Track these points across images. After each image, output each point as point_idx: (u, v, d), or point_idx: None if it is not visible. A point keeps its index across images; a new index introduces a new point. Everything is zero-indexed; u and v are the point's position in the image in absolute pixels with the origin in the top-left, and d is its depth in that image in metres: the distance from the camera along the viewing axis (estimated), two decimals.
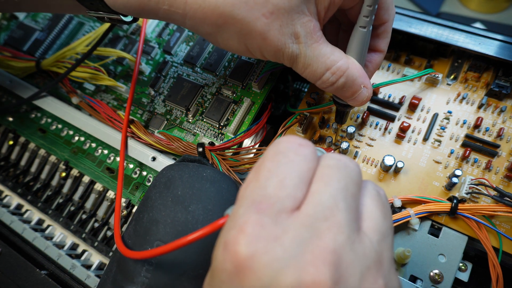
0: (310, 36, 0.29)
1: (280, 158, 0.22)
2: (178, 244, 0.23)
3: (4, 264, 0.39)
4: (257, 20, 0.28)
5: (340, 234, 0.19)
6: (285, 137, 0.23)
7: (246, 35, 0.29)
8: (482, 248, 0.33)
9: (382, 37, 0.34)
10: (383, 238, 0.21)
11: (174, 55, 0.49)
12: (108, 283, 0.29)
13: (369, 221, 0.22)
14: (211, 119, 0.43)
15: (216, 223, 0.22)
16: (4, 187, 0.47)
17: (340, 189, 0.21)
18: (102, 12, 0.33)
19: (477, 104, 0.39)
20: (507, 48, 0.38)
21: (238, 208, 0.21)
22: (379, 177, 0.38)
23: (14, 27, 0.57)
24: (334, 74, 0.30)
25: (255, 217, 0.19)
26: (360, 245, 0.20)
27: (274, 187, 0.20)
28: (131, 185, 0.42)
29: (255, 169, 0.22)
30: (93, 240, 0.42)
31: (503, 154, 0.37)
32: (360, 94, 0.32)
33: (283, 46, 0.29)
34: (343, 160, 0.22)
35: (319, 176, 0.22)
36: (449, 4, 0.92)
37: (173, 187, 0.30)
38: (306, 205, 0.20)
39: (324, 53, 0.29)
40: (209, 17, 0.28)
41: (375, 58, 0.34)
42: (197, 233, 0.22)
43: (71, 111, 0.47)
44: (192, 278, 0.27)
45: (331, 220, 0.20)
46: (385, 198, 0.24)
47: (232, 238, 0.19)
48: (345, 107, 0.36)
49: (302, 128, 0.41)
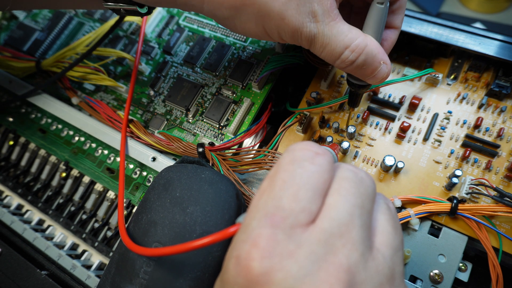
0: (327, 15, 0.29)
1: (295, 168, 0.21)
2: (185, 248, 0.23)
3: (5, 265, 0.39)
4: (274, 1, 0.28)
5: (355, 251, 0.19)
6: (300, 143, 0.23)
7: (264, 17, 0.29)
8: (482, 248, 0.33)
9: (398, 13, 0.33)
10: (395, 253, 0.21)
11: (174, 55, 0.49)
12: (107, 284, 0.29)
13: (381, 236, 0.22)
14: (211, 119, 0.43)
15: (226, 231, 0.22)
16: (5, 187, 0.47)
17: (357, 206, 0.21)
18: (119, 4, 0.33)
19: (477, 104, 0.39)
20: (507, 48, 0.38)
21: (251, 220, 0.20)
22: (379, 177, 0.38)
23: (14, 27, 0.57)
24: (354, 52, 0.29)
25: (269, 231, 0.19)
26: (373, 262, 0.20)
27: (289, 200, 0.20)
28: (131, 186, 0.42)
29: (269, 179, 0.22)
30: (93, 240, 0.42)
31: (503, 154, 0.37)
32: (380, 71, 0.31)
33: (301, 25, 0.29)
34: (359, 174, 0.22)
35: (336, 189, 0.21)
36: (449, 4, 0.92)
37: (171, 188, 0.30)
38: (322, 219, 0.20)
39: (342, 31, 0.29)
40: (227, 0, 0.29)
41: (391, 35, 0.34)
42: (206, 239, 0.22)
43: (71, 111, 0.47)
44: (190, 279, 0.27)
45: (346, 237, 0.19)
46: (395, 212, 0.24)
47: (246, 252, 0.19)
48: (360, 88, 0.35)
49: (302, 128, 0.41)
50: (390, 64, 0.32)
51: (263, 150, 0.38)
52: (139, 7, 0.33)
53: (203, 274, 0.27)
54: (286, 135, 0.42)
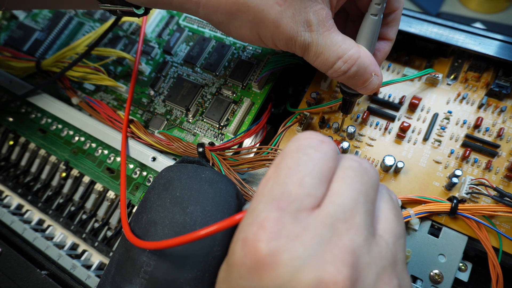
0: (322, 24, 0.29)
1: (300, 155, 0.22)
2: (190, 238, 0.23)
3: (5, 265, 0.39)
4: (270, 8, 0.28)
5: (359, 235, 0.20)
6: (306, 133, 0.23)
7: (258, 23, 0.29)
8: (482, 248, 0.33)
9: (392, 25, 0.34)
10: (397, 240, 0.22)
11: (174, 55, 0.49)
12: (107, 284, 0.29)
13: (384, 223, 0.22)
14: (211, 119, 0.43)
15: (233, 218, 0.22)
16: (5, 187, 0.47)
17: (361, 193, 0.21)
18: (115, 5, 0.33)
19: (477, 104, 0.39)
20: (507, 48, 0.38)
21: (258, 203, 0.21)
22: (379, 177, 0.38)
23: (14, 27, 0.57)
24: (346, 62, 0.30)
25: (276, 214, 0.20)
26: (376, 247, 0.20)
27: (294, 185, 0.21)
28: (131, 185, 0.42)
29: (275, 166, 0.22)
30: (93, 240, 0.42)
31: (503, 154, 0.37)
32: (371, 82, 0.31)
33: (296, 34, 0.29)
34: (364, 164, 0.23)
35: (341, 176, 0.22)
36: (449, 4, 0.92)
37: (171, 188, 0.30)
38: (327, 204, 0.20)
39: (336, 42, 0.29)
40: (223, 6, 0.29)
41: (384, 46, 0.34)
42: (212, 228, 0.22)
43: (71, 111, 0.47)
44: (191, 279, 0.27)
45: (351, 221, 0.20)
46: (397, 202, 0.25)
47: (253, 234, 0.20)
48: (353, 96, 0.35)
49: (302, 128, 0.41)
50: (382, 75, 0.32)
51: (265, 147, 0.38)
52: (135, 8, 0.33)
53: (203, 274, 0.27)
54: (286, 135, 0.42)
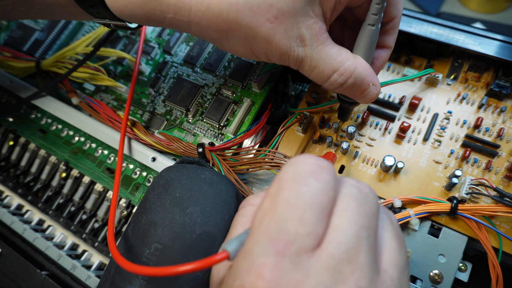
0: (315, 39, 0.28)
1: (299, 186, 0.20)
2: (167, 271, 0.21)
3: (5, 265, 0.39)
4: (261, 26, 0.27)
5: (363, 278, 0.19)
6: (303, 156, 0.22)
7: (251, 40, 0.29)
8: (482, 248, 0.33)
9: (390, 33, 0.33)
10: (401, 273, 0.21)
11: (174, 55, 0.49)
12: (107, 284, 0.29)
13: (388, 255, 0.21)
14: (211, 119, 0.43)
15: (212, 259, 0.20)
16: (5, 187, 0.47)
17: (364, 227, 0.20)
18: (108, 20, 0.33)
19: (477, 104, 0.39)
20: (507, 48, 0.38)
21: (254, 245, 0.19)
22: (379, 177, 0.38)
23: (14, 27, 0.57)
24: (342, 75, 0.29)
25: (274, 260, 0.18)
26: (382, 286, 0.20)
27: (294, 223, 0.19)
28: (131, 186, 0.42)
29: (271, 197, 0.21)
30: (93, 241, 0.42)
31: (503, 154, 0.37)
32: (369, 92, 0.31)
33: (289, 49, 0.29)
34: (363, 190, 0.22)
35: (341, 208, 0.21)
36: (449, 4, 0.92)
37: (171, 189, 0.30)
38: (329, 243, 0.19)
39: (330, 55, 0.29)
40: (214, 24, 0.28)
41: (382, 54, 0.34)
42: (189, 266, 0.20)
43: (71, 111, 0.47)
44: (190, 280, 0.27)
45: (354, 262, 0.19)
46: (397, 226, 0.24)
47: (250, 283, 0.18)
48: (350, 104, 0.35)
49: (302, 128, 0.41)
50: (379, 84, 0.32)
51: (263, 149, 0.38)
52: (129, 22, 0.33)
53: (203, 275, 0.27)
54: (286, 135, 0.42)
